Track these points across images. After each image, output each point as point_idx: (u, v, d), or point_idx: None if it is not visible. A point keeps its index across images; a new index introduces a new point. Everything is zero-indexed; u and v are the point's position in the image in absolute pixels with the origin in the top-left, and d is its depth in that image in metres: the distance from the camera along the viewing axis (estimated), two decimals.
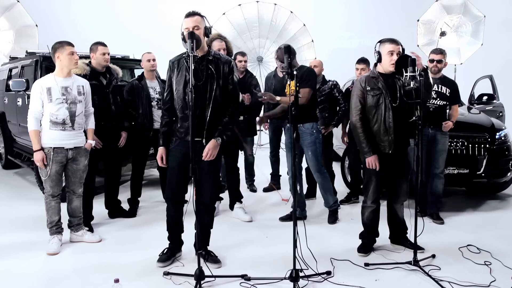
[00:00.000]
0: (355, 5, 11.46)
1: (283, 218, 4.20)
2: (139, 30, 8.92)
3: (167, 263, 3.17)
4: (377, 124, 3.26)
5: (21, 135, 5.97)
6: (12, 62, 6.44)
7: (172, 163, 3.10)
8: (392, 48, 3.18)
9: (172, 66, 3.06)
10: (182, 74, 2.99)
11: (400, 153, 3.31)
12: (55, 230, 3.52)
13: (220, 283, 2.88)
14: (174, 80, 3.04)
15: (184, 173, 3.09)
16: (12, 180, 6.16)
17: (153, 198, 5.05)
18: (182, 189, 3.22)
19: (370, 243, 3.47)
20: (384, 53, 3.22)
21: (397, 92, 3.24)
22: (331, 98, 4.68)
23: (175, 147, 3.09)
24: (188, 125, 2.89)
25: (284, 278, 2.86)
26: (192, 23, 2.90)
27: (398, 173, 3.37)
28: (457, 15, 8.40)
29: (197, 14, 2.97)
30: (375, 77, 3.27)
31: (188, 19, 2.92)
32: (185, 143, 3.01)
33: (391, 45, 3.20)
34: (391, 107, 3.21)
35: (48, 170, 3.39)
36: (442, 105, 4.14)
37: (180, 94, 2.99)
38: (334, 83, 4.71)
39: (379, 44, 3.28)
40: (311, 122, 4.00)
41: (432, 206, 4.22)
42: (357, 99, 3.29)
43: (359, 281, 2.90)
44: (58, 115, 3.38)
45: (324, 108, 4.67)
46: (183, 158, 3.04)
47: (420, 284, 2.90)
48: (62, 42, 3.43)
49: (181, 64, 3.02)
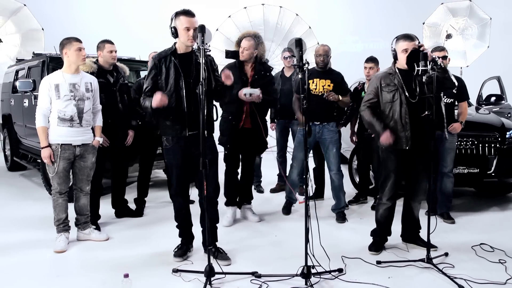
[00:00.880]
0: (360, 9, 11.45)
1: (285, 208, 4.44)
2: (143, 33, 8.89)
3: (184, 258, 3.17)
4: (393, 120, 3.23)
5: (27, 136, 5.96)
6: (19, 64, 6.44)
7: (176, 160, 3.09)
8: (406, 45, 3.13)
9: (159, 63, 3.02)
10: (172, 72, 2.98)
11: (419, 149, 3.25)
12: (62, 228, 3.49)
13: (230, 280, 2.83)
14: (162, 78, 3.01)
15: (187, 169, 3.12)
16: (18, 182, 6.14)
17: (159, 198, 5.02)
18: (186, 186, 3.23)
19: (382, 242, 3.41)
20: (399, 51, 3.18)
21: (416, 89, 3.19)
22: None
23: (174, 145, 3.08)
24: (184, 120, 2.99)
25: (296, 275, 2.80)
26: (195, 24, 2.93)
27: (418, 170, 3.30)
28: (462, 17, 8.37)
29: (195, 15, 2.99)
30: (392, 73, 3.25)
31: (191, 19, 2.94)
32: (183, 139, 3.03)
33: (405, 42, 3.15)
34: (407, 103, 3.17)
35: (56, 167, 3.37)
36: (449, 103, 4.09)
37: (173, 91, 2.98)
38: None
39: (395, 41, 3.24)
40: (333, 121, 4.24)
41: (442, 206, 4.16)
42: (369, 95, 3.28)
43: (371, 279, 2.85)
44: (66, 111, 3.36)
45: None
46: (182, 155, 3.06)
47: (434, 282, 2.84)
48: (69, 38, 3.42)
49: (169, 61, 3.01)
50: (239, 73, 3.83)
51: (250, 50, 3.86)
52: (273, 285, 2.77)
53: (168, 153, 3.11)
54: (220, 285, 2.77)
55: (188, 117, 2.99)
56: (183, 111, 2.99)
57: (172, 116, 3.01)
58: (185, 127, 3.01)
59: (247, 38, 3.91)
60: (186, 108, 2.98)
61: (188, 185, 3.25)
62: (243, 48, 3.87)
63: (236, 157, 4.04)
